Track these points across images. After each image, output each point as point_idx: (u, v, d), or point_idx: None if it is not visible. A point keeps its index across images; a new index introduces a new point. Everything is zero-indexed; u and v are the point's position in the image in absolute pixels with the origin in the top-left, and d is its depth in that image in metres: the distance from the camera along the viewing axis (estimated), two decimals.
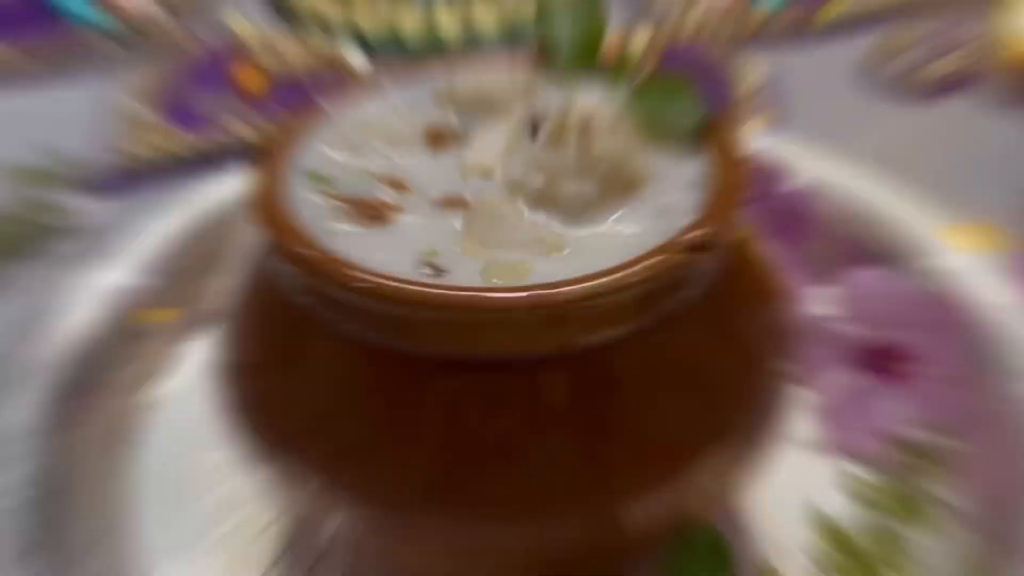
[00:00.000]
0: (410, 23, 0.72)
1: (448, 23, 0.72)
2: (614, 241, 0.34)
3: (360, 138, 0.38)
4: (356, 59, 0.70)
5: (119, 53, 0.71)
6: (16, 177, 0.58)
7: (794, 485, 0.44)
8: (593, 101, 0.38)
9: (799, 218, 0.51)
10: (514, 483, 0.34)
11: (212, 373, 0.39)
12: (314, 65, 0.70)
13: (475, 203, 0.36)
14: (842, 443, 0.45)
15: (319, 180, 0.37)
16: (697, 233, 0.34)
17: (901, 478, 0.42)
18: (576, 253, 0.34)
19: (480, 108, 0.40)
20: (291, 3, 0.75)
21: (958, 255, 0.50)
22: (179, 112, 0.66)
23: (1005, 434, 0.44)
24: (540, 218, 0.35)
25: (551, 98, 0.40)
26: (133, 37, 0.72)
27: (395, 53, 0.71)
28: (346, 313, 0.34)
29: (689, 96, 0.38)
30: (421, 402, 0.34)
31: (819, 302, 0.50)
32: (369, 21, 0.73)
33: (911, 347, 0.45)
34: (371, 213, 0.36)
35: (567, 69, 0.41)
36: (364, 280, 0.32)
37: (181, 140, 0.64)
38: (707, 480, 0.36)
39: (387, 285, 0.32)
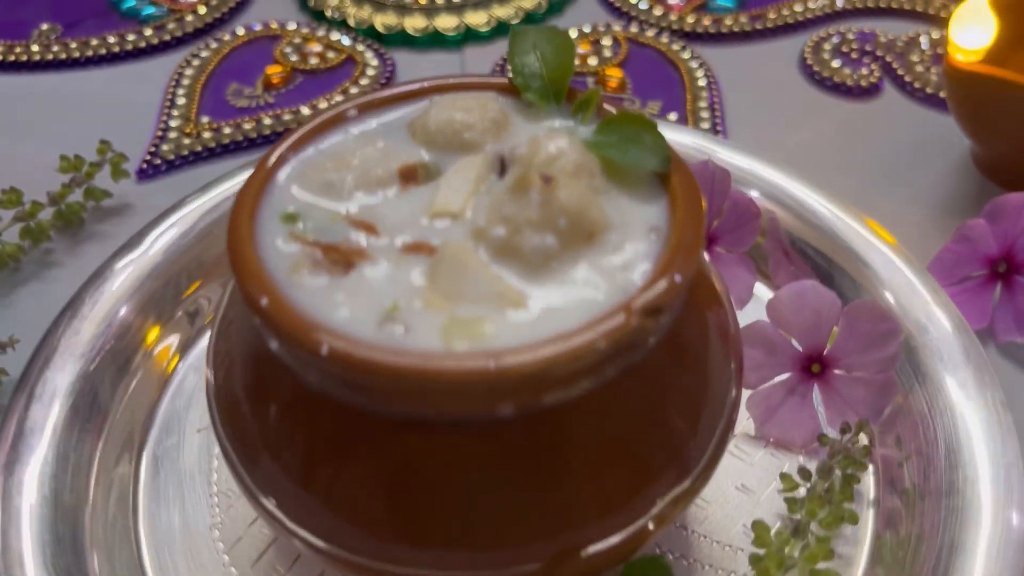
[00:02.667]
0: (415, 23, 0.61)
1: (446, 23, 0.61)
2: (573, 296, 0.25)
3: (334, 174, 0.29)
4: (368, 52, 0.59)
5: (169, 43, 0.60)
6: (68, 167, 0.47)
7: (732, 477, 0.36)
8: (558, 144, 0.28)
9: (744, 222, 0.41)
10: (480, 528, 0.26)
11: (204, 386, 0.30)
12: (330, 59, 0.59)
13: (440, 250, 0.26)
14: (775, 436, 0.37)
15: (290, 220, 0.28)
16: (653, 295, 0.25)
17: (825, 476, 0.34)
18: (535, 310, 0.25)
19: (451, 145, 0.30)
20: (320, 5, 0.63)
21: (879, 259, 0.41)
22: (214, 103, 0.55)
23: (915, 430, 0.35)
24: (502, 270, 0.26)
25: (520, 134, 0.30)
26: (179, 28, 0.61)
27: (402, 45, 0.60)
28: (311, 370, 0.25)
29: (652, 137, 0.29)
30: (387, 458, 0.25)
31: (748, 298, 0.42)
32: (381, 19, 0.62)
33: (833, 353, 0.36)
34: (338, 259, 0.26)
35: (537, 101, 0.31)
36: (322, 342, 0.23)
37: (212, 129, 0.53)
38: (662, 511, 0.27)
39: (344, 351, 0.23)
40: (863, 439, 0.35)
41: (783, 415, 0.37)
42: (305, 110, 0.54)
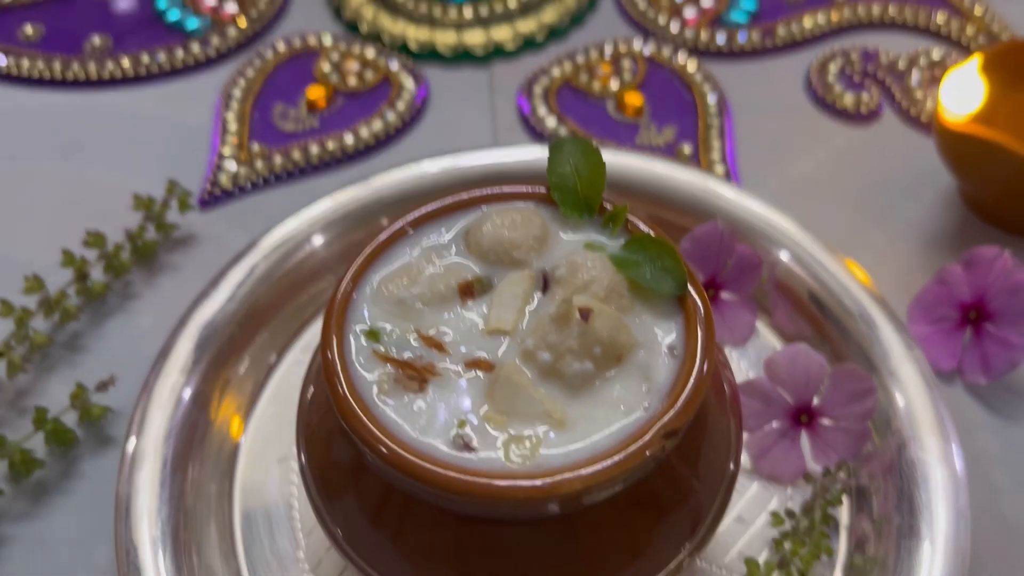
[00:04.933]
0: (446, 38, 0.65)
1: (475, 39, 0.64)
2: (607, 414, 0.31)
3: (405, 292, 0.34)
4: (403, 73, 0.63)
5: (215, 59, 0.64)
6: (141, 205, 0.52)
7: (730, 508, 0.42)
8: (591, 272, 0.33)
9: (747, 271, 0.47)
10: None
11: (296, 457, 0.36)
12: (368, 79, 0.63)
13: (496, 369, 0.32)
14: (767, 472, 0.43)
15: (372, 337, 0.33)
16: (671, 419, 0.30)
17: (807, 513, 0.40)
18: (576, 427, 0.31)
19: (502, 261, 0.35)
20: (351, 14, 0.67)
21: (865, 310, 0.46)
22: (263, 126, 0.60)
23: (888, 472, 0.42)
24: (548, 388, 0.32)
25: (560, 248, 0.35)
26: (223, 44, 0.65)
27: (433, 61, 0.64)
28: (394, 477, 0.31)
29: (672, 261, 0.34)
30: (450, 541, 0.32)
31: (748, 336, 0.47)
32: (413, 34, 0.65)
33: (819, 406, 0.42)
34: (414, 375, 0.32)
35: (572, 215, 0.36)
36: (408, 462, 0.30)
37: (264, 158, 0.58)
38: (677, 566, 0.34)
39: (423, 468, 0.30)
40: (843, 475, 0.42)
41: (775, 455, 0.43)
42: (348, 138, 0.58)
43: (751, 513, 0.42)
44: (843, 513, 0.42)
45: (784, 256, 0.49)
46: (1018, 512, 0.43)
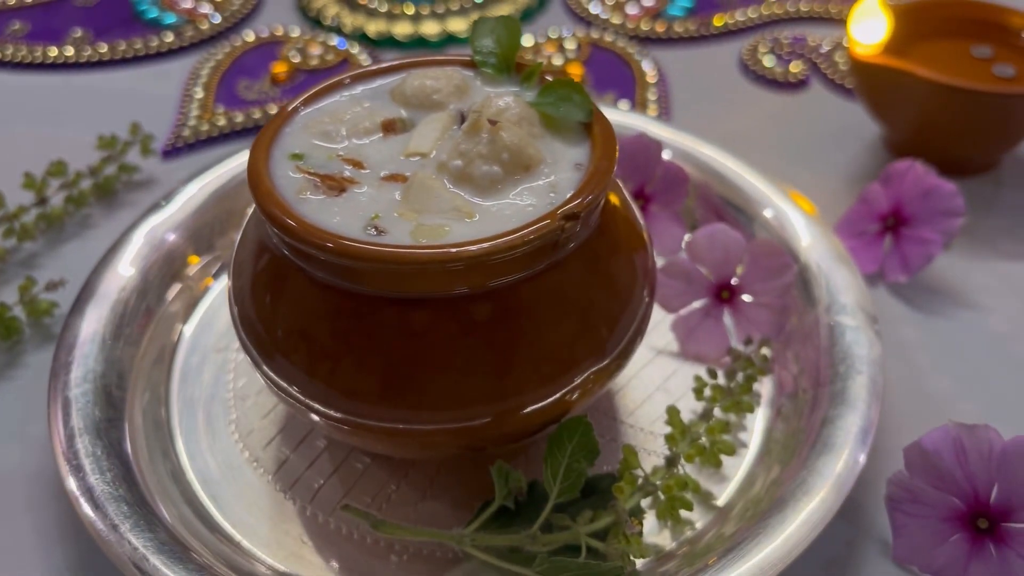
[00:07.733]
0: (402, 28, 0.70)
1: (430, 29, 0.69)
2: (513, 210, 0.33)
3: (331, 126, 0.37)
4: (361, 54, 0.68)
5: (187, 47, 0.69)
6: (105, 144, 0.56)
7: (657, 383, 0.44)
8: (506, 100, 0.36)
9: (674, 186, 0.49)
10: (442, 388, 0.33)
11: (227, 297, 0.38)
12: (329, 60, 0.67)
13: (411, 178, 0.34)
14: (693, 352, 0.45)
15: (296, 158, 0.36)
16: (571, 206, 0.32)
17: (731, 377, 0.41)
18: (484, 220, 0.33)
19: (424, 105, 0.38)
20: (316, 11, 0.72)
21: (787, 214, 0.49)
22: (228, 96, 0.64)
23: (806, 345, 0.43)
24: (459, 191, 0.34)
25: (478, 96, 0.38)
26: (196, 35, 0.70)
27: (391, 48, 0.69)
28: (312, 261, 0.33)
29: (580, 96, 0.37)
30: (371, 330, 0.33)
31: (678, 249, 0.49)
32: (372, 26, 0.70)
33: (740, 282, 0.44)
34: (333, 185, 0.34)
35: (492, 73, 0.39)
36: (321, 238, 0.31)
37: (227, 117, 0.61)
38: (585, 382, 0.35)
39: (338, 242, 0.31)
40: (765, 352, 0.43)
41: (700, 334, 0.44)
42: None
43: (677, 387, 0.43)
44: (768, 390, 0.43)
45: (713, 181, 0.52)
46: (937, 386, 0.44)
